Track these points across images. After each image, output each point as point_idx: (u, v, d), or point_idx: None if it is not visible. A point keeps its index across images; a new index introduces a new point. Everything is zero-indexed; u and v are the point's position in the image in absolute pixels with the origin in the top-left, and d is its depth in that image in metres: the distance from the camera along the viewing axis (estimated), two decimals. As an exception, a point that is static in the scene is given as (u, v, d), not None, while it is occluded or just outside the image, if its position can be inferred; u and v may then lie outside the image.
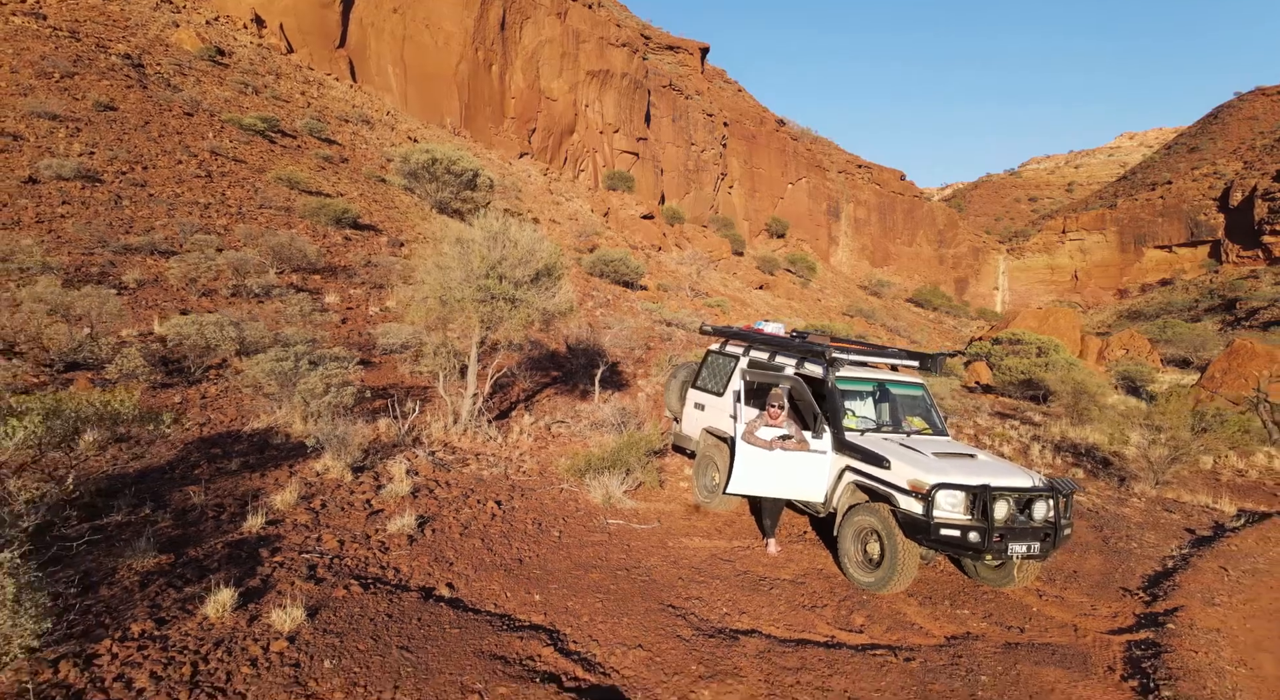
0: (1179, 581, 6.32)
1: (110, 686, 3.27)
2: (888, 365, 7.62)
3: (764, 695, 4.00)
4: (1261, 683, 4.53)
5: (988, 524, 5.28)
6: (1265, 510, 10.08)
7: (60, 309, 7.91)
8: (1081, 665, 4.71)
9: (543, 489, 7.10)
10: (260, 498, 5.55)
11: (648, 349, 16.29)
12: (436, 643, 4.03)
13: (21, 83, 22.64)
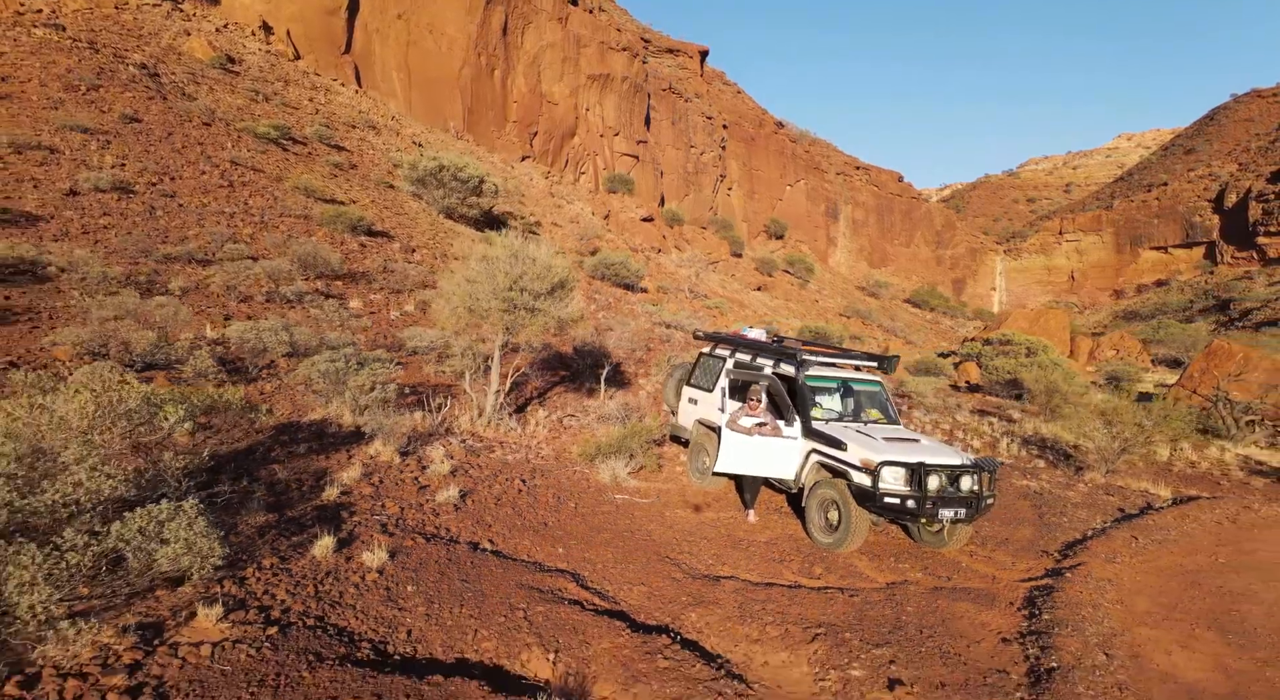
0: (1090, 545, 7.60)
1: (261, 596, 4.52)
2: (851, 366, 8.88)
3: (736, 616, 5.28)
4: (1130, 614, 5.79)
5: (922, 493, 6.54)
6: (1197, 495, 11.36)
7: (138, 315, 9.15)
8: (989, 601, 5.97)
9: (559, 470, 8.38)
10: (330, 475, 6.81)
11: (648, 350, 17.57)
12: (487, 578, 5.29)
13: (51, 96, 23.89)
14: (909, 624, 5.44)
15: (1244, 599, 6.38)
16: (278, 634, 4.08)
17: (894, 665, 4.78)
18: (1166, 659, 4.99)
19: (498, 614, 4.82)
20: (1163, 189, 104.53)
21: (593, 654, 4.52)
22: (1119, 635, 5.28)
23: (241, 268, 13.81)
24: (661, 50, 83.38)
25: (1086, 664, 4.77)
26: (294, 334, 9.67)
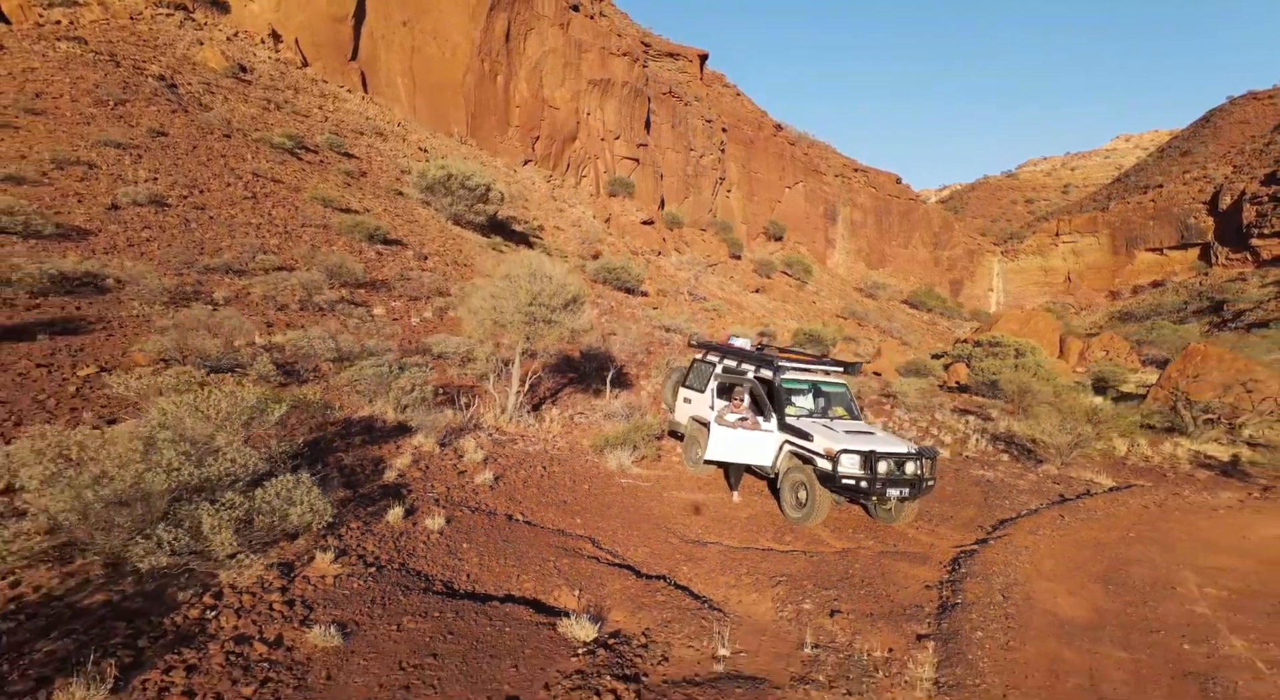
0: (1020, 521, 9.06)
1: (356, 548, 5.96)
2: (821, 370, 10.33)
3: (718, 569, 6.75)
4: (1036, 571, 7.25)
5: (873, 476, 7.99)
6: (1139, 484, 12.84)
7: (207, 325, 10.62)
8: (923, 561, 7.44)
9: (573, 459, 9.83)
10: (386, 461, 8.25)
11: (648, 352, 19.05)
12: (522, 539, 6.74)
13: (83, 112, 25.36)
14: (854, 576, 6.90)
15: (1137, 563, 7.84)
16: (375, 572, 5.53)
17: (837, 602, 6.23)
18: (1053, 601, 6.45)
19: (533, 564, 6.27)
20: (1158, 191, 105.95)
21: (608, 592, 5.97)
22: (1019, 584, 6.73)
23: (279, 279, 15.28)
24: (661, 54, 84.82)
25: (984, 602, 6.21)
26: (338, 341, 11.12)
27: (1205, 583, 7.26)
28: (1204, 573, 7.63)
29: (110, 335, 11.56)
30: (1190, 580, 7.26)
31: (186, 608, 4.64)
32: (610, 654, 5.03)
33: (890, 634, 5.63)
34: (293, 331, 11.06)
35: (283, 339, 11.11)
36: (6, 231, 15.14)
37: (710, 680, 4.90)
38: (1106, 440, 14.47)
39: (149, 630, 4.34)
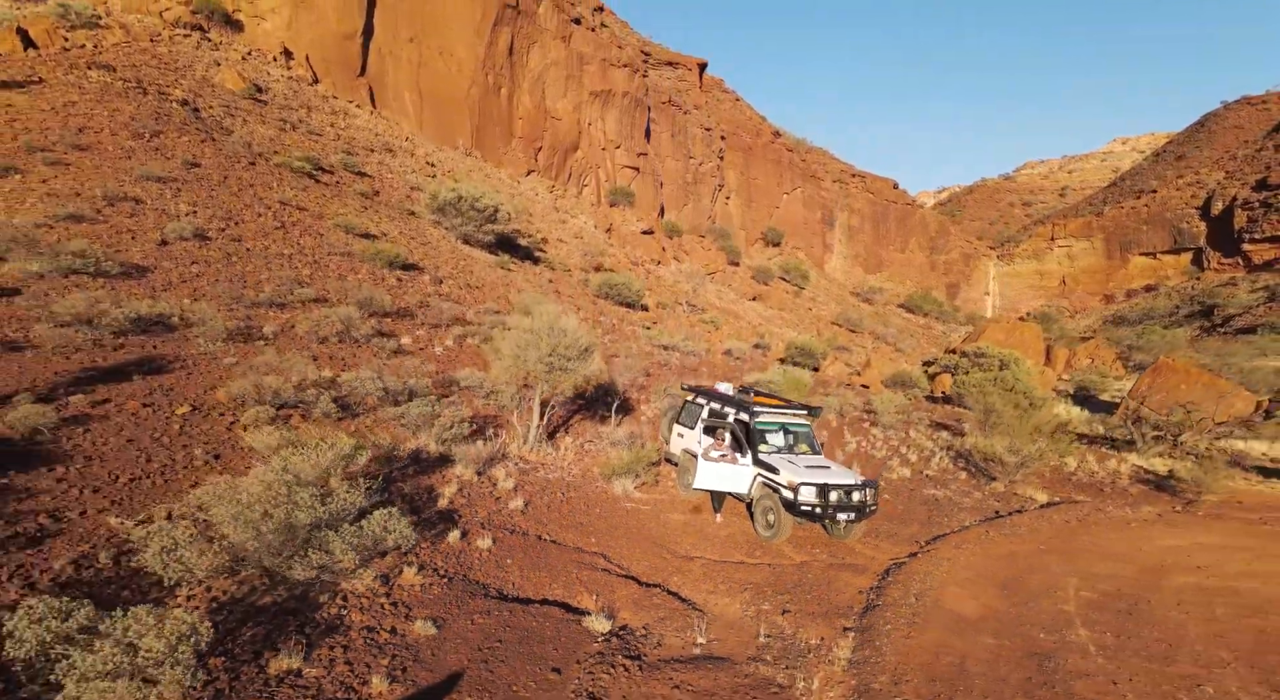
0: (950, 537, 11.14)
1: (430, 564, 8.01)
2: (790, 413, 12.39)
3: (701, 578, 8.83)
4: (950, 579, 9.29)
5: (825, 503, 10.07)
6: (1072, 499, 14.92)
7: (276, 368, 12.69)
8: (862, 572, 9.52)
9: (585, 485, 11.89)
10: (437, 490, 10.32)
11: (647, 376, 21.15)
12: (551, 556, 8.81)
13: (123, 145, 27.42)
14: (805, 584, 8.96)
15: (1036, 572, 9.90)
16: (447, 582, 7.58)
17: (789, 603, 8.29)
18: (955, 602, 8.50)
19: (561, 575, 8.32)
20: (1152, 196, 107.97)
21: (617, 597, 8.01)
22: (932, 590, 8.78)
23: (320, 317, 17.38)
24: (661, 63, 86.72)
25: (899, 603, 8.27)
26: (385, 381, 13.19)
27: (1084, 587, 9.33)
28: (1087, 579, 9.71)
29: (189, 374, 13.66)
30: (1072, 585, 9.33)
31: (327, 607, 6.69)
32: (620, 641, 7.07)
33: (824, 627, 7.69)
34: (348, 373, 13.13)
35: (338, 376, 13.18)
36: (81, 272, 17.25)
37: (690, 660, 6.96)
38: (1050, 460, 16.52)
39: (308, 623, 6.39)
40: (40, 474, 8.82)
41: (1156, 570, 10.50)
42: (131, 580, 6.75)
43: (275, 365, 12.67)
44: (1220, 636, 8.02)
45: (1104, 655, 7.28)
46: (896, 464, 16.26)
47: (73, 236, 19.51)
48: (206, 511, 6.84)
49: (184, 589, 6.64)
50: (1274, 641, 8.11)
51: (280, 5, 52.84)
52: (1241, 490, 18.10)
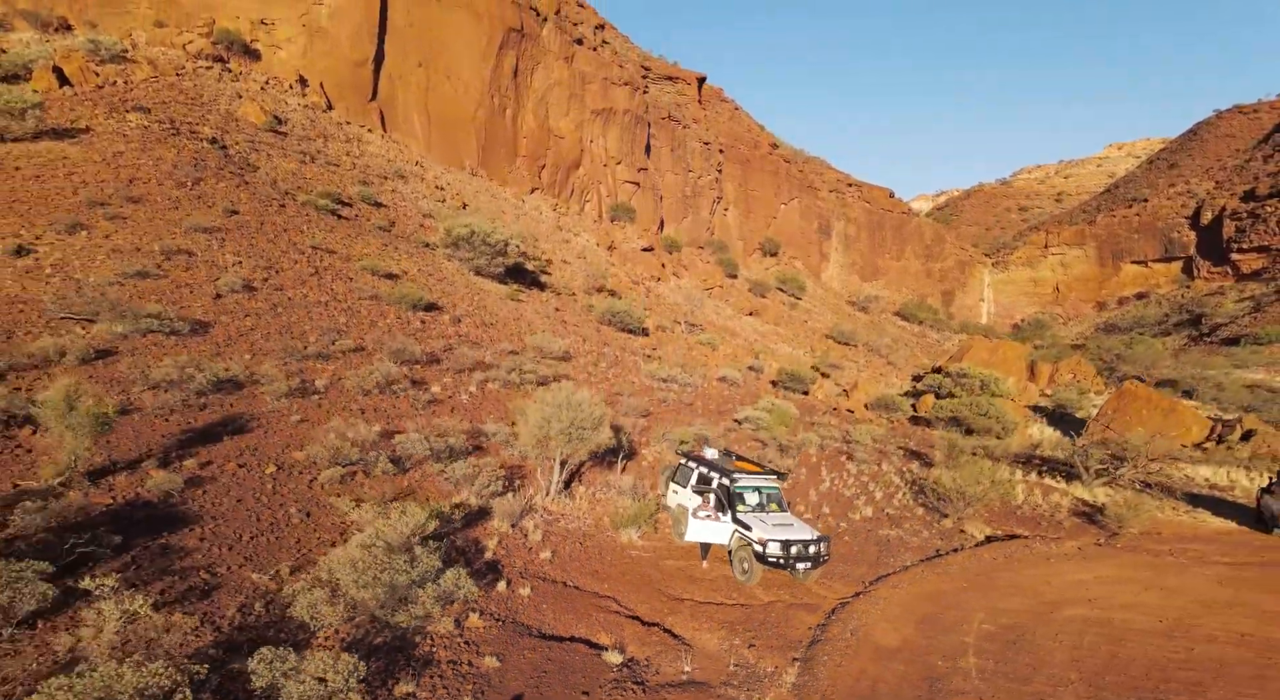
0: (889, 577, 13.90)
1: (487, 609, 10.79)
2: (762, 478, 15.16)
3: (689, 617, 11.59)
4: (882, 616, 12.04)
5: (788, 555, 12.84)
6: (1008, 534, 17.71)
7: (345, 434, 15.48)
8: (814, 610, 12.27)
9: (598, 535, 14.65)
10: (482, 543, 13.07)
11: (647, 416, 23.97)
12: (575, 601, 11.56)
13: (169, 195, 30.16)
14: (769, 621, 11.73)
15: (953, 608, 12.66)
16: (501, 624, 10.32)
17: (754, 638, 11.05)
18: (881, 637, 11.24)
19: (584, 617, 11.07)
20: (1143, 205, 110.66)
21: (625, 634, 10.76)
22: (865, 626, 11.53)
23: (364, 374, 20.18)
24: (661, 77, 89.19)
25: (837, 638, 11.02)
26: (430, 442, 15.97)
27: (987, 621, 12.12)
28: (992, 613, 12.50)
29: (266, 433, 16.45)
30: (977, 619, 12.11)
31: (421, 645, 9.44)
32: (629, 670, 9.81)
33: (779, 658, 10.43)
34: (399, 436, 15.93)
35: (389, 432, 16.01)
36: (157, 331, 20.05)
37: (679, 684, 9.73)
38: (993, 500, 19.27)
39: (411, 658, 9.14)
40: (185, 534, 11.63)
41: (1054, 604, 13.31)
42: (282, 625, 9.55)
43: (341, 430, 15.47)
44: (1077, 661, 10.83)
45: (981, 678, 10.06)
46: (862, 503, 19.04)
47: (142, 293, 22.29)
48: (333, 575, 9.64)
49: (321, 633, 9.45)
50: (1119, 664, 10.90)
51: (296, 35, 55.45)
52: (1165, 521, 20.94)
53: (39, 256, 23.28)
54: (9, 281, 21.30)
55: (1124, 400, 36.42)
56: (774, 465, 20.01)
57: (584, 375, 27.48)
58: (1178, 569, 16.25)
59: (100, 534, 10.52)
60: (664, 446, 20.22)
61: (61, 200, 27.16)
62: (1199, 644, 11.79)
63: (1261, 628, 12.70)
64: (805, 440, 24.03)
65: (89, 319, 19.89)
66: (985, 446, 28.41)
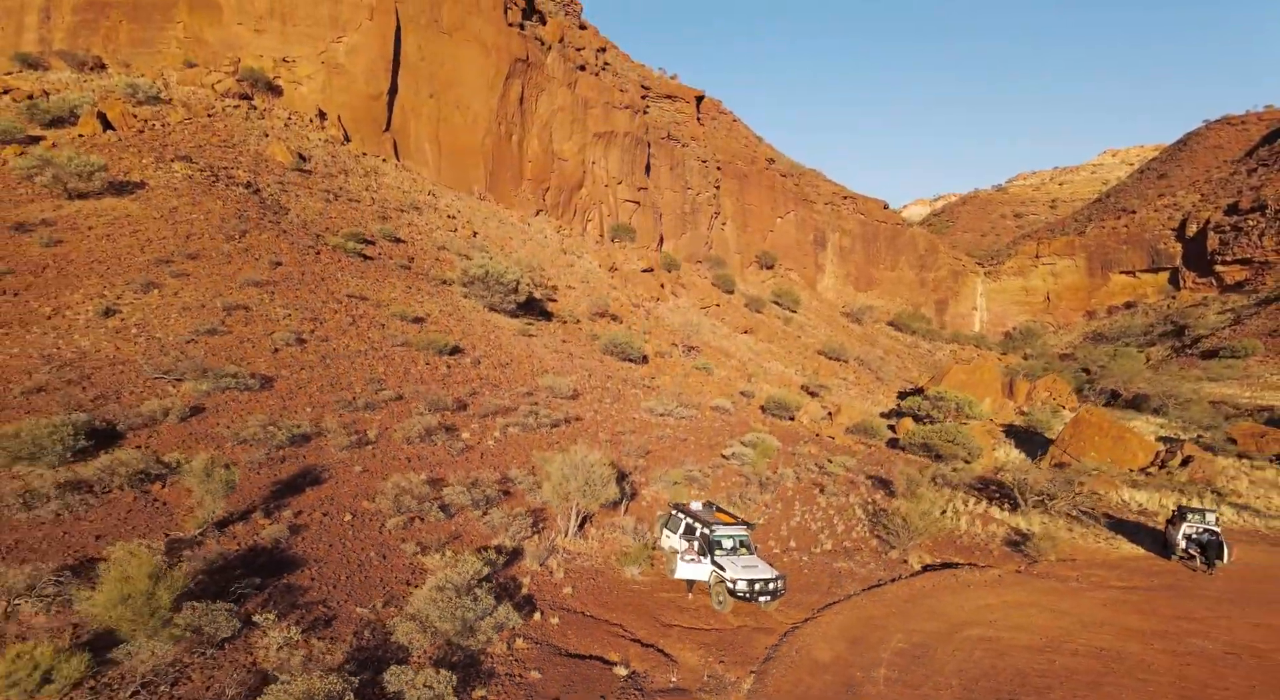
0: (834, 605, 17.92)
1: (528, 635, 14.82)
2: (736, 527, 19.19)
3: (677, 640, 15.59)
4: (822, 637, 16.00)
5: (752, 590, 16.87)
6: (944, 563, 21.79)
7: (408, 490, 19.62)
8: (771, 633, 16.25)
9: (607, 571, 18.66)
10: (518, 580, 17.12)
11: (647, 453, 28.05)
12: (591, 627, 15.53)
13: (221, 249, 34.16)
14: (736, 642, 15.72)
15: (879, 629, 16.69)
16: (540, 647, 14.29)
17: (723, 656, 15.04)
18: (819, 653, 15.23)
19: (598, 641, 15.05)
20: (1131, 217, 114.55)
21: (629, 653, 14.74)
22: (807, 645, 15.52)
23: (409, 426, 24.24)
24: (660, 96, 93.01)
25: (785, 655, 15.00)
26: (472, 493, 20.02)
27: (903, 640, 16.17)
28: (909, 633, 16.55)
29: (338, 484, 20.51)
30: (896, 638, 16.15)
31: (483, 663, 13.47)
32: (632, 681, 13.83)
33: (741, 671, 14.44)
34: (447, 488, 20.01)
35: (434, 480, 20.13)
36: (234, 388, 24.08)
37: (667, 691, 13.78)
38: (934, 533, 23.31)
39: (479, 672, 13.16)
40: (299, 575, 15.67)
41: (960, 625, 17.40)
42: (386, 647, 13.61)
43: (398, 484, 19.55)
44: (962, 671, 14.92)
45: (885, 685, 14.11)
46: (825, 536, 23.13)
47: (215, 350, 26.33)
48: (420, 612, 13.72)
49: (415, 653, 13.53)
50: (993, 673, 14.96)
51: (315, 72, 59.35)
52: (1082, 548, 25.05)
53: (123, 316, 27.34)
54: (105, 343, 25.37)
55: (1079, 427, 40.52)
56: (747, 513, 24.14)
57: (591, 413, 31.55)
58: (1074, 593, 20.36)
59: (239, 575, 14.63)
60: (661, 486, 24.30)
61: (132, 259, 31.21)
62: (1062, 657, 15.92)
63: (1116, 643, 16.83)
64: (783, 475, 28.14)
65: (178, 378, 23.94)
66: (945, 475, 32.52)
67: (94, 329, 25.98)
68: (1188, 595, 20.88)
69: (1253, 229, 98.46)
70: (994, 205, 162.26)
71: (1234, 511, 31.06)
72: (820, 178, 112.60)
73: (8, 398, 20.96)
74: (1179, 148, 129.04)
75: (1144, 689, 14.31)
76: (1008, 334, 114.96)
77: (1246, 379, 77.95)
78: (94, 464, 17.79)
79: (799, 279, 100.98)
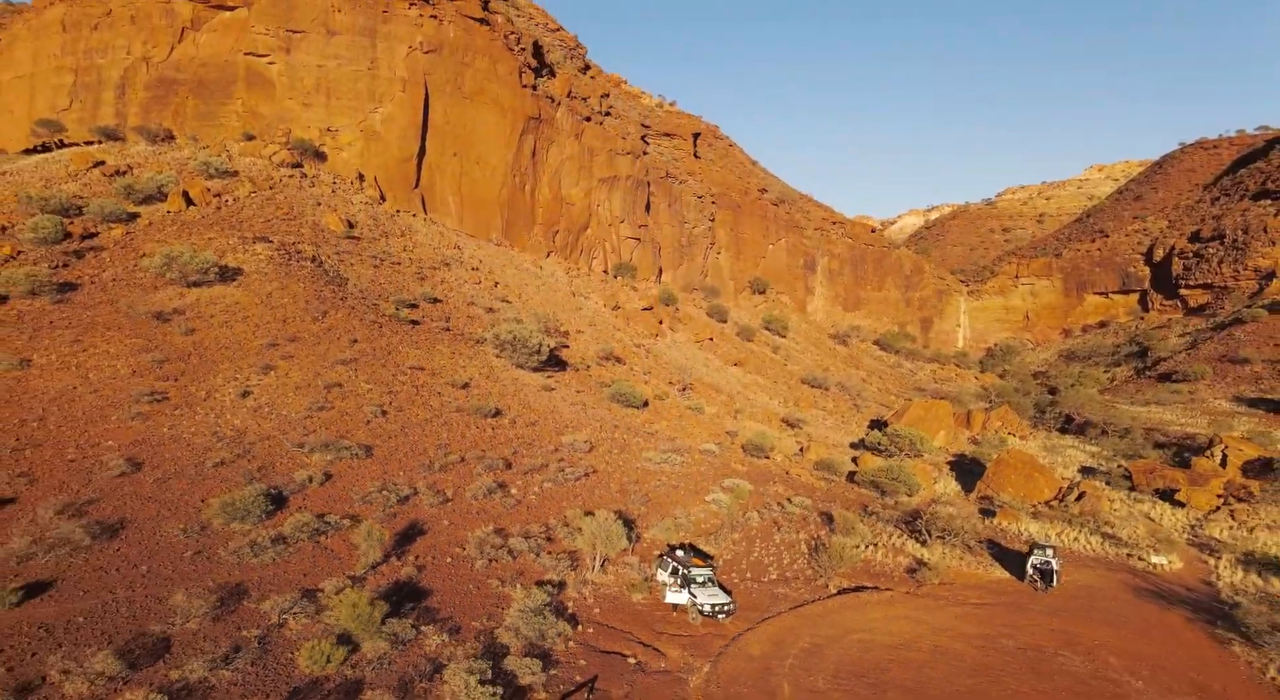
0: (768, 618, 28.13)
1: (578, 638, 25.04)
2: (705, 568, 29.40)
3: (668, 640, 25.86)
4: (755, 640, 26.07)
5: (714, 610, 27.11)
6: (856, 586, 32.22)
7: (502, 547, 29.93)
8: (725, 637, 26.40)
9: (620, 596, 28.76)
10: (565, 602, 27.36)
11: (648, 501, 38.41)
12: (613, 634, 25.67)
13: (312, 330, 44.43)
14: (703, 643, 25.64)
15: (793, 634, 26.81)
16: (585, 647, 24.50)
17: (695, 651, 25.06)
18: (752, 650, 25.15)
19: (619, 642, 25.05)
20: (1104, 240, 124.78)
21: (636, 650, 24.64)
22: (745, 645, 25.45)
23: (478, 489, 34.62)
24: (659, 134, 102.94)
25: (731, 651, 24.96)
26: (528, 541, 30.36)
27: (807, 641, 26.43)
28: (812, 637, 26.83)
29: (436, 534, 30.90)
30: (803, 640, 26.39)
31: (552, 655, 23.74)
32: (638, 666, 23.87)
33: (703, 660, 24.48)
34: (511, 538, 30.38)
35: (501, 530, 30.54)
36: (350, 457, 34.45)
37: (660, 672, 23.98)
38: (851, 563, 33.58)
39: (550, 662, 23.40)
40: (430, 600, 26.11)
41: (848, 631, 27.79)
42: (496, 647, 24.03)
43: (479, 536, 29.91)
44: (838, 661, 25.32)
45: (789, 669, 24.37)
46: (773, 569, 33.48)
47: (327, 424, 36.62)
48: (515, 625, 24.08)
49: (514, 649, 23.92)
50: (857, 661, 25.27)
51: (355, 140, 69.52)
52: (964, 574, 35.44)
53: (255, 397, 37.65)
54: (250, 421, 35.70)
55: (999, 466, 50.91)
56: (719, 549, 34.56)
57: (604, 465, 41.88)
58: (939, 608, 30.83)
59: (394, 600, 25.04)
60: (658, 531, 34.73)
61: (249, 344, 41.50)
62: (908, 652, 26.38)
63: (948, 643, 27.29)
64: (750, 517, 38.60)
65: (310, 450, 34.32)
66: (878, 512, 42.91)
67: (239, 409, 36.30)
68: (1020, 610, 31.33)
69: (1213, 256, 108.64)
70: (983, 219, 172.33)
71: (1100, 540, 41.48)
72: (811, 203, 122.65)
73: (205, 470, 31.31)
74: (1155, 170, 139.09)
75: (949, 670, 24.76)
76: (989, 350, 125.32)
77: (1191, 403, 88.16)
78: (287, 521, 28.16)
79: (790, 302, 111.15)
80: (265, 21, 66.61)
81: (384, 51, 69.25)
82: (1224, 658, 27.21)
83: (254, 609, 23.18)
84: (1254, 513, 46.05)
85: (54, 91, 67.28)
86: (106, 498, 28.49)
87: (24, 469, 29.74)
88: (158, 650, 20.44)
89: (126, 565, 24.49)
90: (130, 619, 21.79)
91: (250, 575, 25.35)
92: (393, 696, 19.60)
